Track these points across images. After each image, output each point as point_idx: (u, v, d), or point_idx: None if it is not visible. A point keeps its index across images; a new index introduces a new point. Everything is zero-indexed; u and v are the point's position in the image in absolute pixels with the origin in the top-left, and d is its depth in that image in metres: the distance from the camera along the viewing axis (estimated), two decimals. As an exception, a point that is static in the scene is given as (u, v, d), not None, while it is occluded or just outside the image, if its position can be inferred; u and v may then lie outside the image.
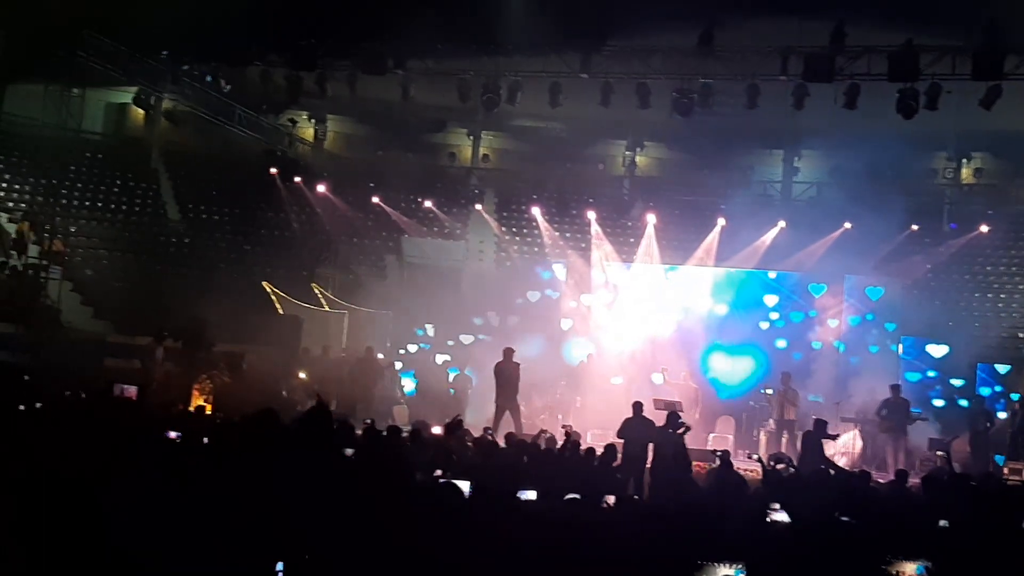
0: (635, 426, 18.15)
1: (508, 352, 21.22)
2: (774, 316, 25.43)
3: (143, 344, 21.35)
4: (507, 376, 21.08)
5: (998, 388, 23.67)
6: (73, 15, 23.24)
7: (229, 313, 22.91)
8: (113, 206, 29.57)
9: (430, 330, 27.10)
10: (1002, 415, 22.04)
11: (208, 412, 17.38)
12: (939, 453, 16.20)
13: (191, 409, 18.80)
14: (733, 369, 24.55)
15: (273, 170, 29.75)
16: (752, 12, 22.72)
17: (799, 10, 22.46)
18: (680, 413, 18.46)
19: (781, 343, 25.02)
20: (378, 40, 23.55)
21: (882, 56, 21.57)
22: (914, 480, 15.05)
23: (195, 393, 20.67)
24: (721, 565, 5.84)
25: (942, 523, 9.36)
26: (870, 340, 24.68)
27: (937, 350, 24.51)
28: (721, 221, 26.91)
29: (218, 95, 27.63)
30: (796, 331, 25.21)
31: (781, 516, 9.45)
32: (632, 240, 27.81)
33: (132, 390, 16.27)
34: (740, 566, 5.79)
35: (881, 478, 16.23)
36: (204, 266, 27.55)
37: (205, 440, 9.96)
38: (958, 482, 13.39)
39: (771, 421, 22.24)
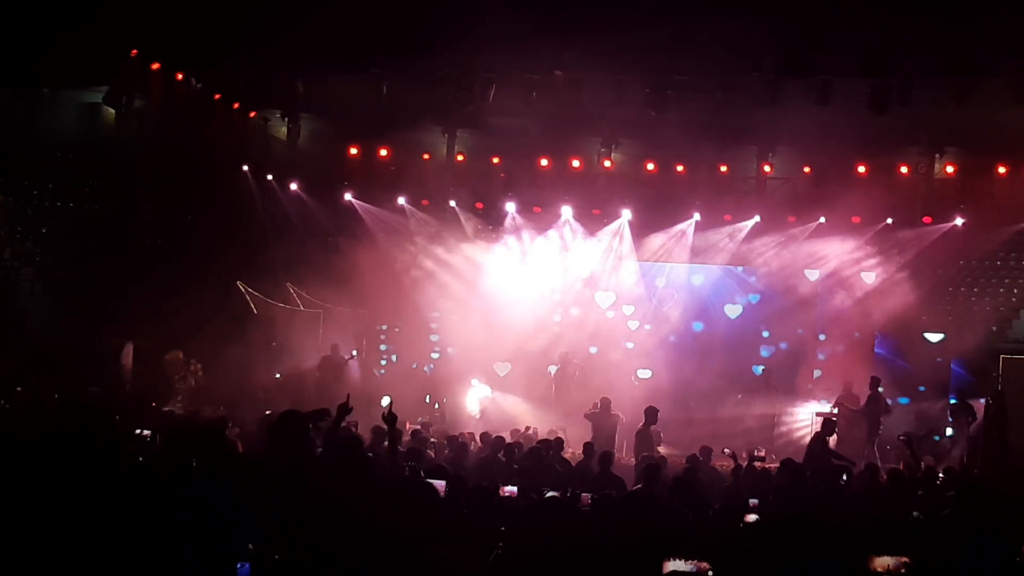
0: (602, 417, 19.06)
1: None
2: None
3: (115, 346, 21.24)
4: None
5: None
6: (41, 14, 23.04)
7: (204, 313, 22.85)
8: (85, 207, 29.33)
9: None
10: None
11: (180, 413, 17.33)
12: (900, 438, 16.23)
13: (164, 409, 18.74)
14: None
15: (245, 168, 29.57)
16: (725, 8, 22.70)
17: (771, 6, 22.49)
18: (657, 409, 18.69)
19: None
20: (351, 36, 23.42)
21: (855, 51, 21.61)
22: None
23: (169, 393, 20.62)
24: (684, 561, 5.82)
25: (916, 514, 9.38)
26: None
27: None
28: (696, 216, 27.05)
29: (189, 93, 27.42)
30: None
31: (753, 512, 9.46)
32: (608, 236, 27.88)
33: (105, 391, 16.20)
34: (696, 563, 5.78)
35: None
36: (178, 266, 27.36)
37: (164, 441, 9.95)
38: (928, 475, 13.45)
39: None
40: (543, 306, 27.89)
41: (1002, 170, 26.46)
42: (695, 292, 28.00)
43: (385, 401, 22.29)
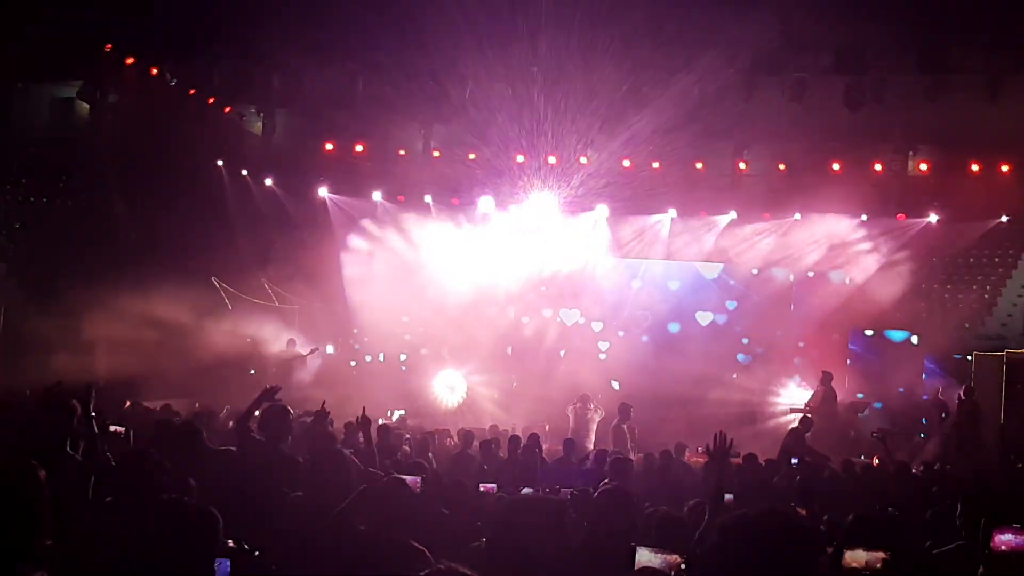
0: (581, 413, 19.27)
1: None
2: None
3: (89, 341, 21.12)
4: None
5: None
6: (15, 7, 22.91)
7: (178, 308, 22.75)
8: (59, 201, 29.17)
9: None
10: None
11: (152, 408, 17.25)
12: (874, 435, 16.27)
13: (145, 405, 18.63)
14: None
15: (220, 163, 29.45)
16: (700, 5, 22.80)
17: (748, 3, 22.58)
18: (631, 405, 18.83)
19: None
20: (326, 31, 23.39)
21: (829, 50, 21.73)
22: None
23: (143, 389, 20.49)
24: (654, 553, 5.86)
25: (890, 510, 9.43)
26: None
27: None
28: (672, 212, 27.16)
29: (164, 88, 27.29)
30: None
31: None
32: (586, 233, 27.95)
33: (82, 387, 16.07)
34: (665, 555, 5.81)
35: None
36: (152, 261, 27.21)
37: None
38: (900, 470, 13.53)
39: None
40: (517, 306, 27.90)
41: (975, 167, 26.60)
42: (672, 295, 28.01)
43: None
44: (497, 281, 27.44)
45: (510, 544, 5.05)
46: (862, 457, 20.36)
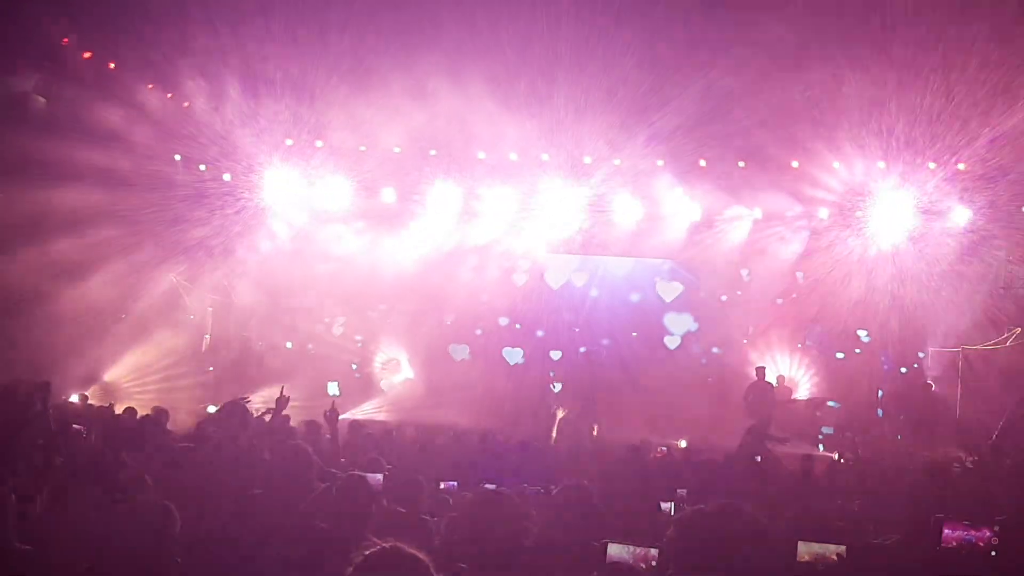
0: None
1: None
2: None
3: (43, 339, 20.99)
4: None
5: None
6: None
7: (135, 305, 22.63)
8: (14, 196, 28.79)
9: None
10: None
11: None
12: (848, 435, 16.47)
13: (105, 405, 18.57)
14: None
15: (177, 157, 29.22)
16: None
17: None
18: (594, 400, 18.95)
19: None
20: (290, 27, 23.32)
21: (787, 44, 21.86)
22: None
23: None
24: (626, 548, 5.88)
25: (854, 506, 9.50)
26: None
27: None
28: (635, 210, 27.23)
29: (122, 83, 27.06)
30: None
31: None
32: (550, 229, 28.02)
33: (40, 384, 15.96)
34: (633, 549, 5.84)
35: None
36: (109, 258, 26.97)
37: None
38: (863, 467, 13.65)
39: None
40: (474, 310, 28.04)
41: (932, 166, 26.74)
42: (632, 307, 28.10)
43: (333, 390, 22.35)
44: (458, 279, 27.49)
45: (473, 539, 5.05)
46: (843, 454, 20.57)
